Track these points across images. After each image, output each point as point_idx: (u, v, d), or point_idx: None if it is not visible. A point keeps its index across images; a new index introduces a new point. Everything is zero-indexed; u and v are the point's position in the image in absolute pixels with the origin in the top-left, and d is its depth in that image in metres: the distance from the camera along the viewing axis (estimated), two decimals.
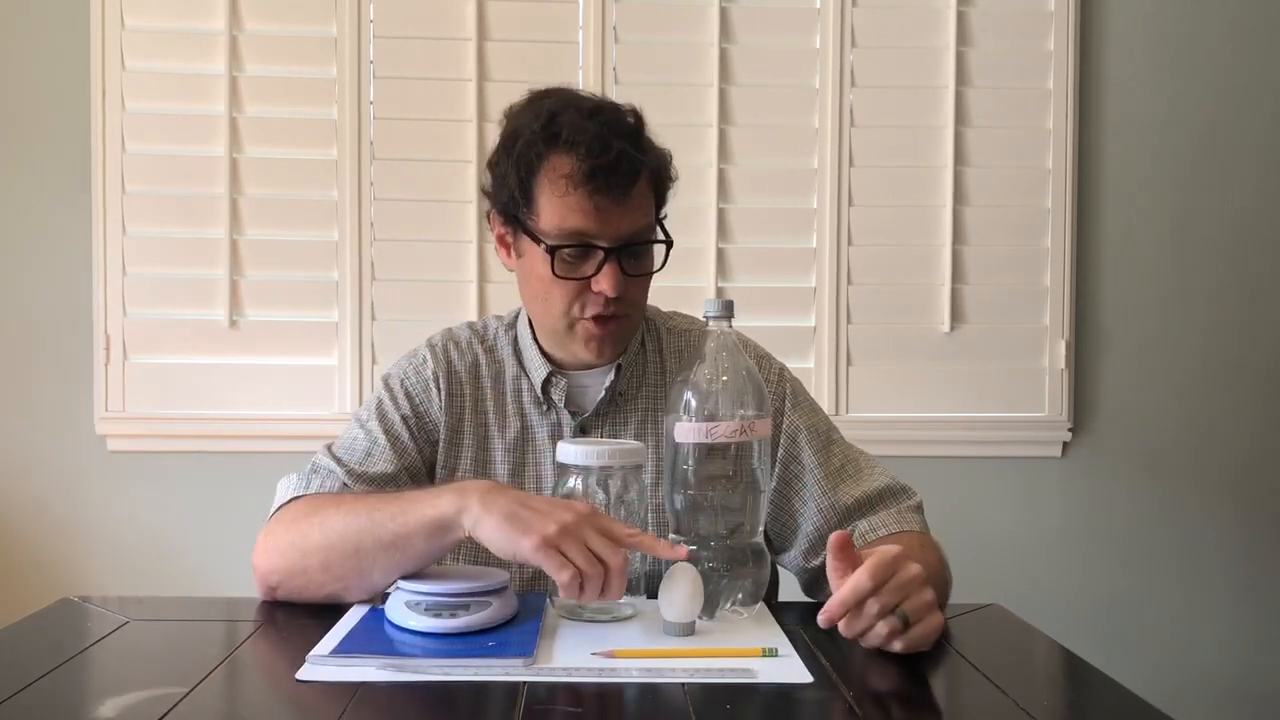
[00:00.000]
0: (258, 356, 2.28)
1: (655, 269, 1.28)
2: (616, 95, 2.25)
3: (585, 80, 2.28)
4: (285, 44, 2.28)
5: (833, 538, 0.99)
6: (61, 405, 2.27)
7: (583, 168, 1.18)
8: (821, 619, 0.97)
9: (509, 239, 1.29)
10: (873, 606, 0.96)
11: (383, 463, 1.27)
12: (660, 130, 1.32)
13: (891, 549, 0.99)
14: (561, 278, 1.22)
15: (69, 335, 2.27)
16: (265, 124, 2.28)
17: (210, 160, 2.26)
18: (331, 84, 2.28)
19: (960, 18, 2.34)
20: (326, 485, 1.23)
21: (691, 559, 1.06)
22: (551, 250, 1.21)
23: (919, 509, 1.29)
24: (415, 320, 2.26)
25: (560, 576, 1.00)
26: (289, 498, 1.22)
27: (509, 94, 1.32)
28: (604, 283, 1.21)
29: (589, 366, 1.31)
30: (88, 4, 2.23)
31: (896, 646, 0.97)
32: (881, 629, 0.96)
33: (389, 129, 2.28)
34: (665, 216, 1.30)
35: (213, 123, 2.26)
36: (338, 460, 1.27)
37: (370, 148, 2.28)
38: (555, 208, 1.21)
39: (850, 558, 0.98)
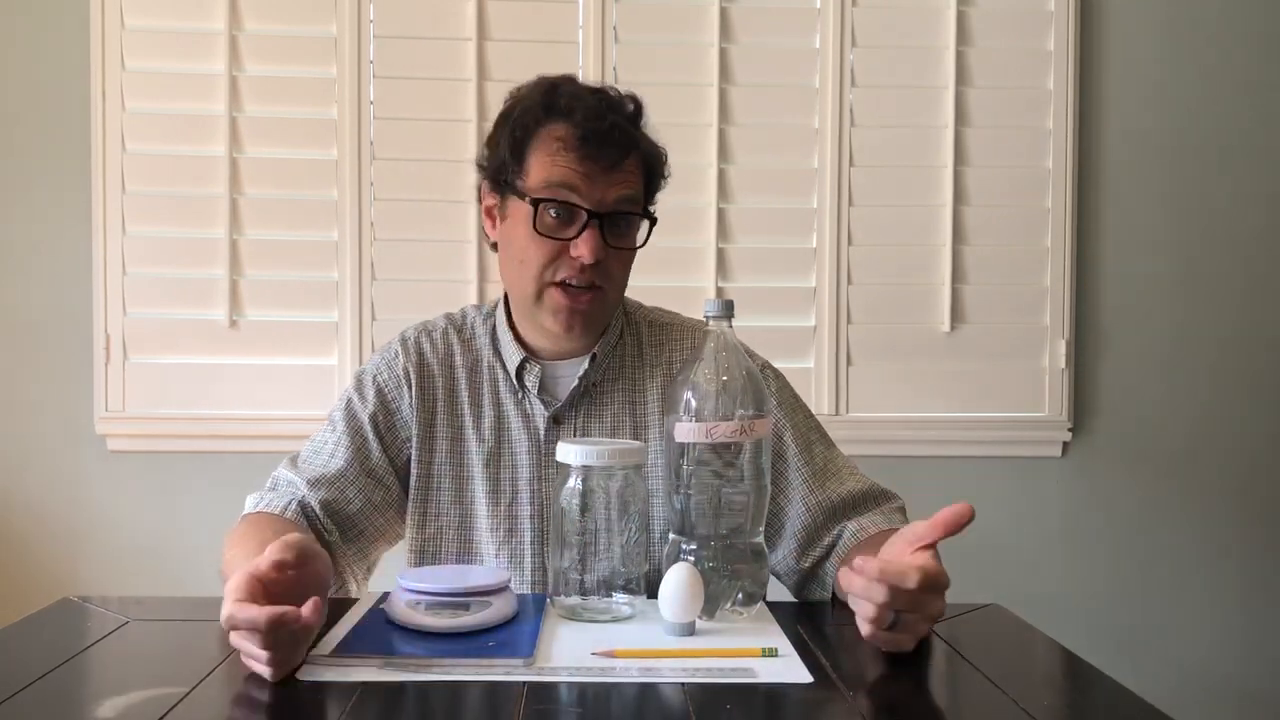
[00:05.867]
0: (258, 356, 2.28)
1: (638, 245, 1.28)
2: None
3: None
4: (285, 44, 2.28)
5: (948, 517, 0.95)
6: (61, 405, 2.27)
7: (576, 132, 1.21)
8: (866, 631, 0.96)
9: (495, 209, 1.30)
10: (886, 600, 0.93)
11: (343, 462, 1.29)
12: (660, 130, 1.32)
13: (936, 568, 0.96)
14: (542, 235, 1.22)
15: (69, 335, 2.27)
16: (265, 124, 2.28)
17: (210, 160, 2.26)
18: (331, 84, 2.28)
19: (960, 18, 2.34)
20: (278, 502, 1.25)
21: (691, 559, 1.06)
22: (535, 204, 1.21)
23: (903, 511, 1.28)
24: (415, 320, 2.24)
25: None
26: (243, 514, 1.26)
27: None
28: (583, 246, 1.21)
29: (562, 356, 1.31)
30: (88, 4, 2.23)
31: (864, 629, 0.96)
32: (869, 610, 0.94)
33: (389, 129, 2.28)
34: (655, 204, 1.30)
35: (213, 123, 2.26)
36: (297, 469, 1.29)
37: (370, 148, 2.28)
38: (544, 166, 1.22)
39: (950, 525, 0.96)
